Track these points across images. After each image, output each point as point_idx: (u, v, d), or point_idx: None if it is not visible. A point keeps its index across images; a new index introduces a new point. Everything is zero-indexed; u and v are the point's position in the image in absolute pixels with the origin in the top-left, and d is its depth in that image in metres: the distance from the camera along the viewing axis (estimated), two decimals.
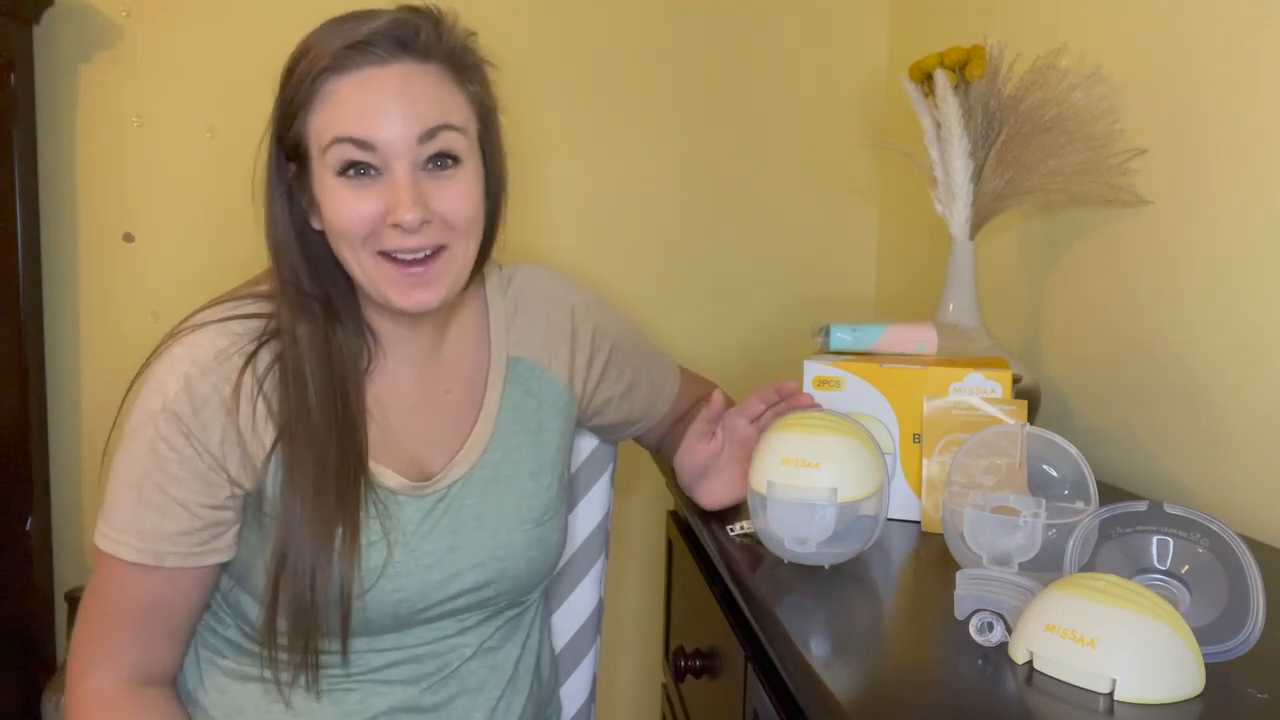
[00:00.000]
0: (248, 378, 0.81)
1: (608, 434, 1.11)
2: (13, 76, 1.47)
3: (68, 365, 1.60)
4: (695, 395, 1.10)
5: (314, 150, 0.81)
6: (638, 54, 1.74)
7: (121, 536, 0.81)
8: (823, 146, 1.80)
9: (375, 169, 0.80)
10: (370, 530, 0.84)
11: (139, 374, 0.83)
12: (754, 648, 0.81)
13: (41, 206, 1.56)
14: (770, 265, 1.81)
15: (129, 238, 1.62)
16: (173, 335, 0.83)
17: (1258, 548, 0.83)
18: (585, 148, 1.74)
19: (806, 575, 0.77)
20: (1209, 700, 0.56)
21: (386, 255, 0.81)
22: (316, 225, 0.85)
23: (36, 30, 1.53)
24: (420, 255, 0.81)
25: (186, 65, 1.60)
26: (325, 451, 0.81)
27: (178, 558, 0.81)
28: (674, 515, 1.24)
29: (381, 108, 0.79)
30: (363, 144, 0.79)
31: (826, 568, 0.78)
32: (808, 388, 0.93)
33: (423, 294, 0.82)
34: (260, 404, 0.82)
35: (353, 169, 0.79)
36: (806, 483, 0.75)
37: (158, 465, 0.80)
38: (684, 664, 1.01)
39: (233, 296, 0.87)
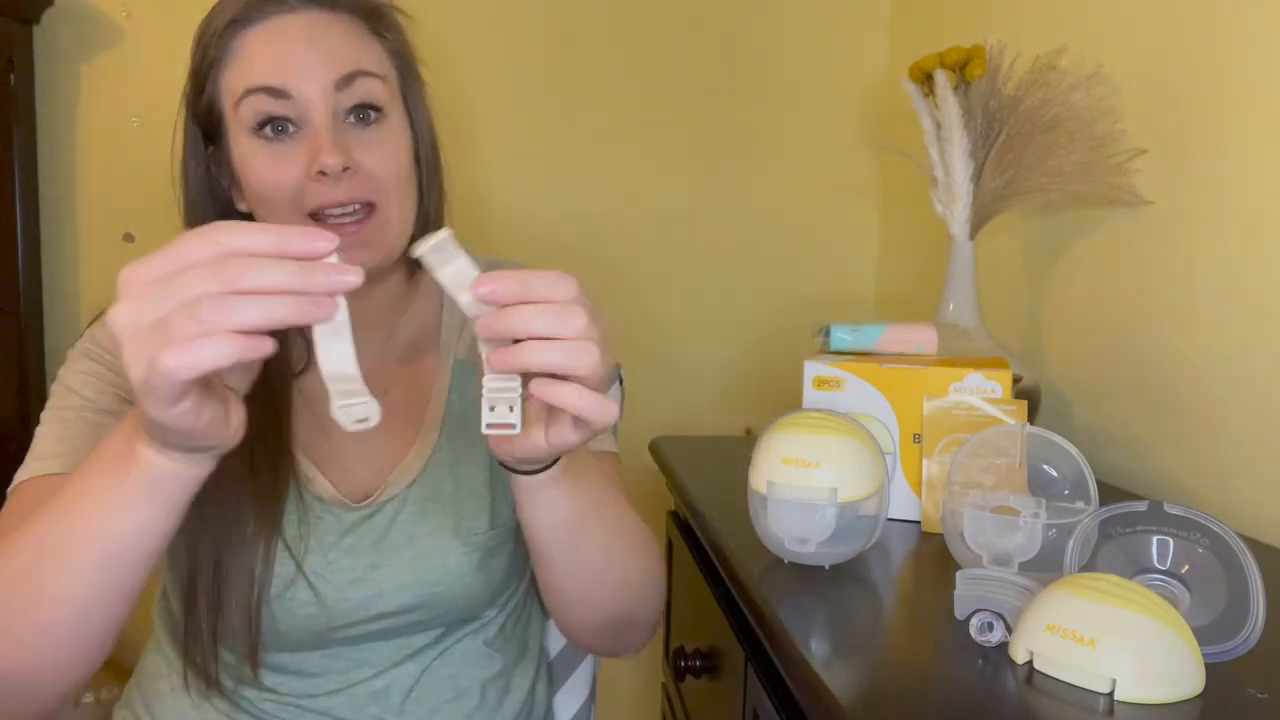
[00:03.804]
0: None
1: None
2: (13, 76, 1.47)
3: None
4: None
5: (228, 111, 0.77)
6: (638, 54, 1.74)
7: (41, 463, 0.76)
8: (823, 147, 1.80)
9: (293, 123, 0.75)
10: (287, 532, 0.78)
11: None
12: (754, 648, 0.81)
13: (41, 206, 1.56)
14: (770, 265, 1.81)
15: (129, 238, 1.62)
16: (87, 329, 0.83)
17: (1258, 548, 0.83)
18: (584, 147, 1.74)
19: (806, 575, 0.77)
20: (1209, 700, 0.56)
21: (316, 219, 0.76)
22: (242, 206, 0.80)
23: (36, 30, 1.53)
24: (350, 211, 0.76)
25: (186, 65, 1.59)
26: (251, 439, 0.76)
27: None
28: (674, 515, 1.24)
29: (293, 54, 0.75)
30: (276, 92, 0.74)
31: (826, 568, 0.78)
32: (808, 388, 0.93)
33: (357, 253, 0.75)
34: None
35: (269, 125, 0.75)
36: (806, 483, 0.75)
37: (76, 389, 0.78)
38: (684, 664, 1.01)
39: None
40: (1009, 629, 0.62)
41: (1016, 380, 0.95)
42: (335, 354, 0.55)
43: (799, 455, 0.76)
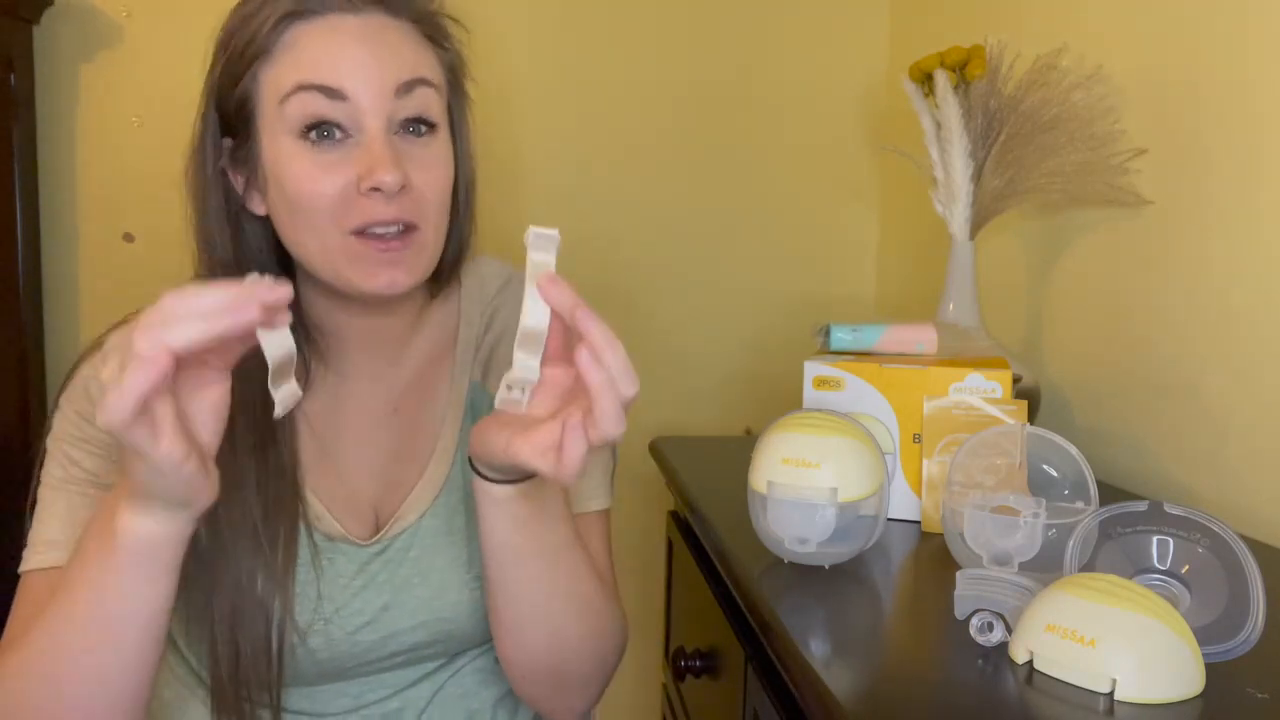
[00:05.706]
0: None
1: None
2: (13, 76, 1.47)
3: (67, 365, 1.60)
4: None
5: (268, 107, 0.71)
6: (638, 54, 1.74)
7: (47, 553, 0.73)
8: (823, 147, 1.80)
9: (343, 129, 0.70)
10: (299, 577, 0.75)
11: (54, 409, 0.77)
12: (754, 648, 0.81)
13: (41, 206, 1.56)
14: (770, 265, 1.81)
15: (129, 238, 1.62)
16: (78, 362, 0.78)
17: (1258, 548, 0.83)
18: (584, 147, 1.74)
19: (806, 575, 0.77)
20: (1209, 700, 0.56)
21: (359, 234, 0.71)
22: (259, 210, 0.75)
23: (36, 30, 1.53)
24: (393, 230, 0.71)
25: (186, 65, 1.59)
26: (248, 475, 0.73)
27: None
28: (674, 515, 1.24)
29: (354, 55, 0.70)
30: (331, 92, 0.69)
31: (826, 568, 0.78)
32: (808, 388, 0.93)
33: (394, 272, 0.71)
34: None
35: (316, 130, 0.70)
36: (806, 483, 0.75)
37: (76, 460, 0.74)
38: (684, 664, 1.01)
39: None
40: (1009, 629, 0.62)
41: (1016, 380, 0.95)
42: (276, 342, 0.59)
43: (799, 455, 0.76)
